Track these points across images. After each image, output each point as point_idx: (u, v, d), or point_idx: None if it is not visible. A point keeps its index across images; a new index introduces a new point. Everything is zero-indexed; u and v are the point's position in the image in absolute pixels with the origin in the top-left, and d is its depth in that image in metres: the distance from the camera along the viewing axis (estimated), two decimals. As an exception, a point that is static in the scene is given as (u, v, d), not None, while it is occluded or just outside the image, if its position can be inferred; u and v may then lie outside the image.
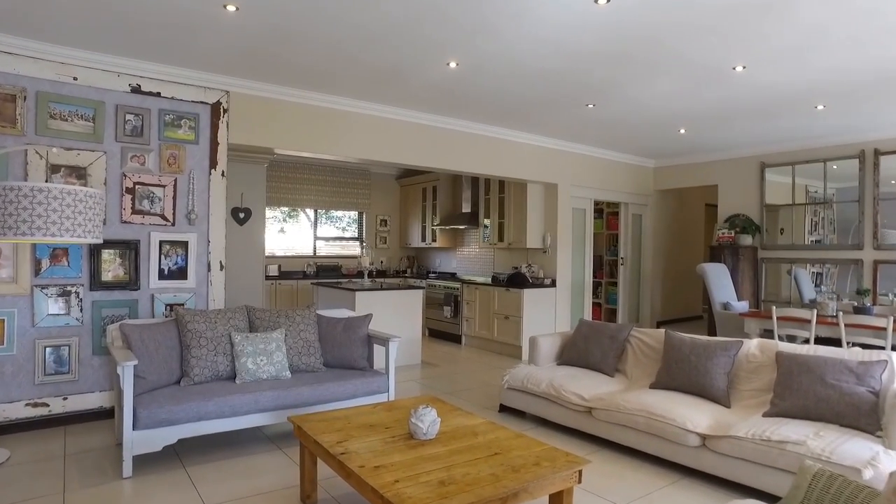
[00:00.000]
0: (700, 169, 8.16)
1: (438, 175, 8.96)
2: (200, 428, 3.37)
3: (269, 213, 8.81)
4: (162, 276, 4.39)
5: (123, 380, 3.09)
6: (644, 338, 4.49)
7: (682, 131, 6.51)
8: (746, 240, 7.37)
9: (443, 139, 6.10)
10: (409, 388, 5.34)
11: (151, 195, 4.34)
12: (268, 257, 8.65)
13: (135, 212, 4.27)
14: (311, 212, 9.29)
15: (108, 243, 4.13)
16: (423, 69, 4.42)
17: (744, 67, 4.22)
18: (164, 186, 4.39)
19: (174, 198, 4.43)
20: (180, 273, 4.46)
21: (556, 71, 4.42)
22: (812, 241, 7.13)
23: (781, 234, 7.39)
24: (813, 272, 7.18)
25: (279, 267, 8.42)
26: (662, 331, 4.37)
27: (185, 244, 4.48)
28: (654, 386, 3.99)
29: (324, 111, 5.26)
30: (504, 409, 4.67)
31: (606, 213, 8.85)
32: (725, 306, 6.31)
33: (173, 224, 4.43)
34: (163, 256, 4.39)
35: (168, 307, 4.40)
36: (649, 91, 4.91)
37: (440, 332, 8.26)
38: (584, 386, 4.10)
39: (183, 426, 3.31)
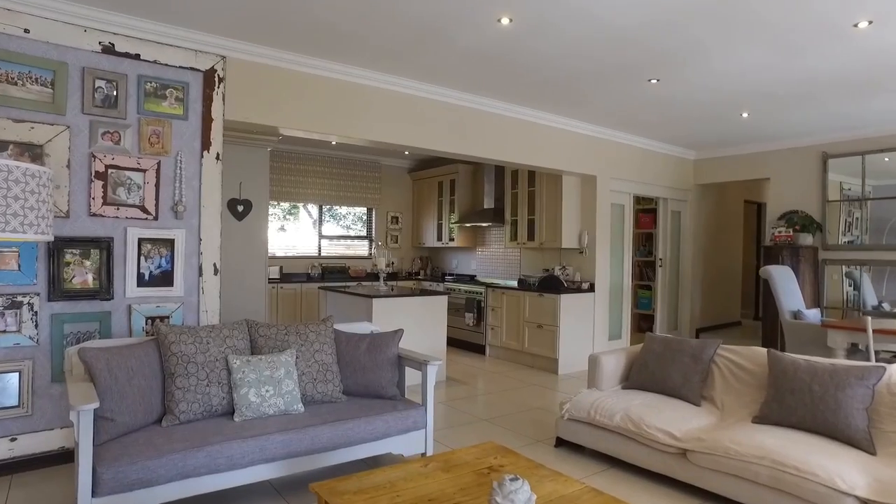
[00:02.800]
0: (749, 161, 7.34)
1: (457, 167, 8.13)
2: (187, 488, 2.53)
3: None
4: (142, 282, 3.54)
5: (79, 430, 2.24)
6: (735, 358, 3.67)
7: (745, 115, 5.70)
8: (806, 239, 6.57)
9: (473, 122, 5.26)
10: (437, 413, 4.50)
11: (128, 182, 3.49)
12: (268, 258, 7.78)
13: (107, 202, 3.41)
14: (314, 208, 8.43)
15: (71, 241, 3.28)
16: (468, 26, 3.59)
17: (869, 23, 3.39)
18: (144, 171, 3.54)
19: (157, 185, 3.58)
20: (164, 278, 3.61)
21: (635, 30, 3.60)
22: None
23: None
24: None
25: (280, 269, 7.57)
26: (762, 350, 3.55)
27: (170, 243, 3.63)
28: (758, 420, 3.16)
29: (340, 85, 4.42)
30: (561, 442, 3.84)
31: (636, 210, 8.02)
32: (796, 315, 5.50)
33: (156, 218, 3.58)
34: (143, 258, 3.54)
35: (149, 321, 3.55)
36: (734, 60, 4.08)
37: (460, 341, 7.42)
38: (670, 419, 3.28)
39: (163, 487, 2.46)
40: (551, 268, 6.88)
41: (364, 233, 8.93)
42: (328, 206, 8.51)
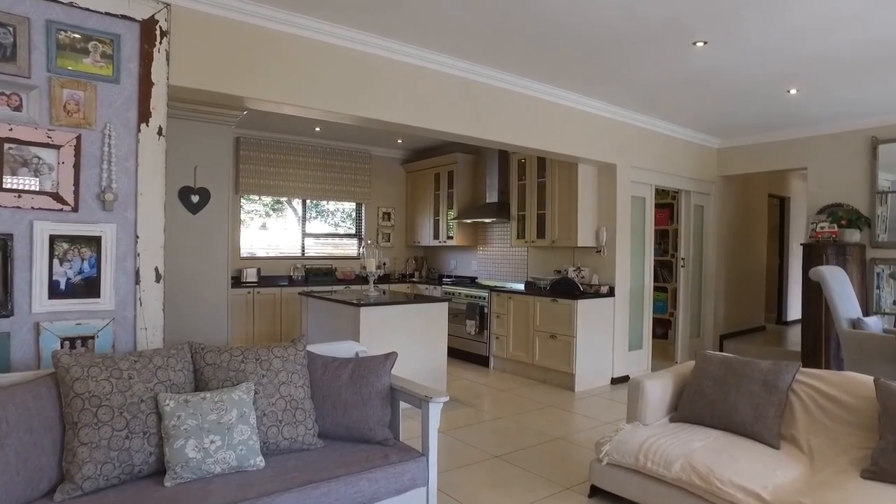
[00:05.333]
0: (782, 148, 6.57)
1: (455, 157, 7.31)
2: None
3: (248, 204, 7.12)
4: (56, 292, 2.70)
5: None
6: (821, 386, 2.89)
7: (793, 91, 4.91)
8: (853, 236, 5.80)
9: (478, 98, 4.45)
10: (439, 451, 3.69)
11: (35, 161, 2.65)
12: (246, 259, 6.95)
13: (3, 187, 2.57)
14: (298, 204, 7.59)
15: (-51, 239, 2.45)
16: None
17: None
18: (58, 148, 2.70)
19: (76, 166, 2.74)
20: (88, 288, 2.78)
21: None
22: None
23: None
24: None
25: (258, 271, 6.72)
26: (863, 378, 2.78)
27: (96, 241, 2.79)
28: (872, 476, 2.38)
29: (318, 48, 3.60)
30: (597, 491, 3.05)
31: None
32: (855, 324, 4.73)
33: (75, 209, 2.74)
34: (57, 261, 2.70)
35: (66, 343, 2.71)
36: (807, 9, 3.30)
37: (460, 351, 6.62)
38: (749, 471, 2.50)
39: None
40: (564, 269, 6.09)
41: (353, 230, 8.10)
42: (313, 201, 7.67)
